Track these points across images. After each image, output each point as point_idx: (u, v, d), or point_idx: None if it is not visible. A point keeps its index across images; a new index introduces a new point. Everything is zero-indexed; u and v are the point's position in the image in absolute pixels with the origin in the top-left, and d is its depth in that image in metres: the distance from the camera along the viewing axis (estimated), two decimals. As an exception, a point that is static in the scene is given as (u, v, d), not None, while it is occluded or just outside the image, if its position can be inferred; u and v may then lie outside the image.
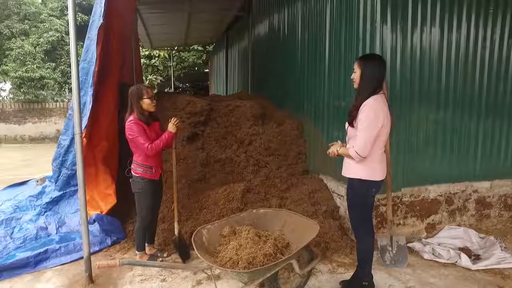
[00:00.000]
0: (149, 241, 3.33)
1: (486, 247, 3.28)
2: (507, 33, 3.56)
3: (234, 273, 1.99)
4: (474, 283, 2.81)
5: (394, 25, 3.19)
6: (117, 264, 1.97)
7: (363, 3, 3.26)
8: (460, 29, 3.38)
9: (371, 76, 2.40)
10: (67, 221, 4.15)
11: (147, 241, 3.30)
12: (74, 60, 2.69)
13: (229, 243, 2.38)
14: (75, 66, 2.70)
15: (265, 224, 2.65)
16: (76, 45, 2.68)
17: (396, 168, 3.31)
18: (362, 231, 2.52)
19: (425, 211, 3.53)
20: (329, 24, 3.92)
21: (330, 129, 4.03)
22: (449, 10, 3.31)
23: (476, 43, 3.45)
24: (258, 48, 6.80)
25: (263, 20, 6.37)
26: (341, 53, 3.69)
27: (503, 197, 3.82)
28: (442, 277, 2.89)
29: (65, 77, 13.04)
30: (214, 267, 2.05)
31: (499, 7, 3.47)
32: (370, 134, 2.29)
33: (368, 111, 2.29)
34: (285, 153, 4.69)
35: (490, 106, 3.60)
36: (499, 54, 3.57)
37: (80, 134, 2.76)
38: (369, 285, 2.59)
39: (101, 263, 1.96)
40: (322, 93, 4.12)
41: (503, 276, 2.89)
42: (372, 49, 3.19)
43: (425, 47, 3.31)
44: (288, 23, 5.13)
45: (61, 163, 4.60)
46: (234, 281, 2.77)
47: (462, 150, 3.57)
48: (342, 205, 3.91)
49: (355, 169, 2.43)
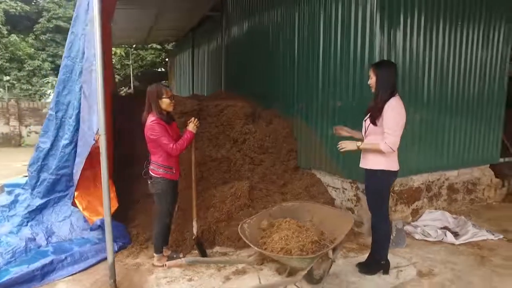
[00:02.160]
0: (165, 242, 3.31)
1: (461, 226, 3.88)
2: (471, 43, 4.22)
3: (298, 260, 2.15)
4: (460, 254, 3.34)
5: (388, 33, 3.60)
6: (184, 262, 2.01)
7: (361, 13, 3.63)
8: (438, 38, 3.93)
9: (386, 80, 2.73)
10: (55, 230, 3.88)
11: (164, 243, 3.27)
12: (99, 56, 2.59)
13: (271, 235, 2.53)
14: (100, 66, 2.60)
15: (294, 216, 2.84)
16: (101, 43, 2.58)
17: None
18: (381, 216, 2.86)
19: (411, 198, 4.04)
20: (323, 29, 4.24)
21: (324, 127, 4.35)
22: (429, 22, 3.84)
23: (449, 50, 4.05)
24: (235, 48, 6.91)
25: (242, 21, 6.49)
26: (337, 57, 4.03)
27: (465, 183, 4.52)
28: (435, 252, 3.38)
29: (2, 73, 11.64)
30: (279, 257, 2.19)
31: (464, 22, 4.11)
32: (399, 130, 2.63)
33: (394, 111, 2.62)
34: (278, 151, 4.92)
35: (459, 105, 4.25)
36: (465, 60, 4.22)
37: (105, 135, 2.66)
38: (386, 263, 2.94)
39: (170, 263, 1.98)
40: (316, 93, 4.43)
41: (479, 247, 3.48)
42: (371, 54, 3.57)
43: (411, 52, 3.79)
44: (277, 26, 5.33)
45: (40, 168, 4.28)
46: (262, 275, 2.92)
47: (438, 144, 4.15)
48: (337, 197, 4.27)
49: (377, 161, 2.75)
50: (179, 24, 8.88)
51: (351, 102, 3.88)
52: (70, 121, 4.22)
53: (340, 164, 4.10)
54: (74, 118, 4.16)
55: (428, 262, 3.19)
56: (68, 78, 4.28)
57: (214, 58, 8.25)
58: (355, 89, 3.81)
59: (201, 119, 5.07)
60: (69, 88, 4.26)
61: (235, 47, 6.93)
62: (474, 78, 4.31)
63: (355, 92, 3.81)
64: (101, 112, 2.62)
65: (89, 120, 3.59)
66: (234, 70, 7.07)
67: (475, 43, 4.25)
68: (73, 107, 4.21)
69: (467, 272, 3.02)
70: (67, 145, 4.13)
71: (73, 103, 4.22)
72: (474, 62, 4.27)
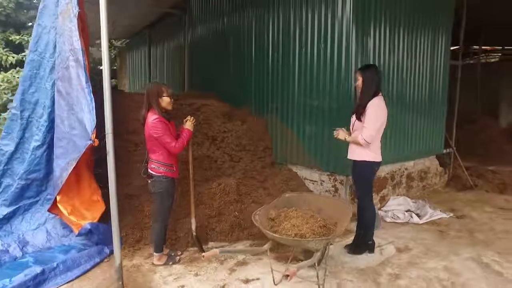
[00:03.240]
0: (164, 241, 3.30)
1: (420, 208, 4.49)
2: (423, 50, 4.90)
3: (316, 242, 2.38)
4: (425, 231, 3.90)
5: (361, 41, 4.04)
6: (217, 253, 2.11)
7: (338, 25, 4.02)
8: (399, 45, 4.51)
9: (370, 81, 3.11)
10: (29, 240, 3.61)
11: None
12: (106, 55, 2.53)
13: (281, 224, 2.73)
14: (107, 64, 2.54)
15: (294, 206, 3.06)
16: (107, 42, 2.53)
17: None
18: (367, 200, 3.24)
19: (379, 187, 4.54)
20: (298, 34, 4.55)
21: (301, 125, 4.66)
22: (392, 33, 4.39)
23: (407, 56, 4.66)
24: (200, 48, 6.91)
25: (209, 21, 6.53)
26: (313, 61, 4.36)
27: (419, 172, 5.20)
28: (406, 231, 3.89)
29: None
30: (299, 240, 2.40)
31: (417, 33, 4.76)
32: (375, 126, 3.01)
33: (374, 108, 3.01)
34: (254, 148, 5.11)
35: (415, 103, 4.90)
36: (419, 64, 4.88)
37: (112, 133, 2.60)
38: (372, 243, 3.33)
39: (207, 254, 2.07)
40: (293, 94, 4.72)
41: (438, 224, 4.10)
42: (347, 58, 3.97)
43: (379, 56, 4.30)
44: (249, 29, 5.51)
45: (2, 174, 3.94)
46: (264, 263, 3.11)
47: (400, 138, 4.74)
48: (315, 189, 4.61)
49: (362, 153, 3.11)
50: (134, 21, 8.54)
51: (328, 102, 4.24)
52: (40, 121, 3.94)
53: (319, 158, 4.45)
54: (46, 117, 3.90)
55: (402, 240, 3.67)
56: (36, 74, 3.98)
57: (175, 57, 8.12)
58: (332, 89, 4.18)
59: (177, 118, 5.07)
60: (36, 86, 3.97)
61: (200, 47, 6.94)
62: (425, 79, 5.01)
63: (332, 93, 4.18)
64: (109, 110, 2.56)
65: (69, 118, 3.41)
66: (199, 70, 7.07)
67: (425, 50, 4.95)
68: (44, 106, 3.93)
69: (434, 245, 3.55)
70: (38, 147, 3.86)
71: (43, 101, 3.95)
72: (425, 65, 4.97)
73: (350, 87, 4.02)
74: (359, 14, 3.96)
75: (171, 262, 3.17)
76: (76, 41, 3.34)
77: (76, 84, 3.28)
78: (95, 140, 2.86)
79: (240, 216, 3.89)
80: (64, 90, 3.54)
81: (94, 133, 2.88)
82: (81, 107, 3.12)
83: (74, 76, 3.33)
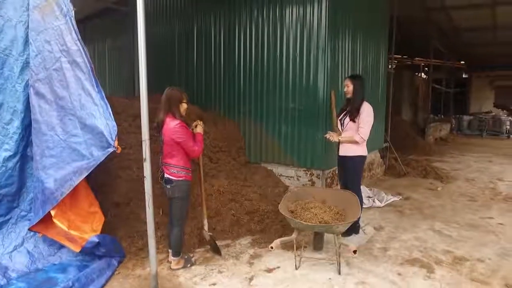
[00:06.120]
0: (180, 244, 3.32)
1: (377, 194, 5.34)
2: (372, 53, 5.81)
3: (343, 226, 2.81)
4: (388, 212, 4.72)
5: (333, 42, 4.67)
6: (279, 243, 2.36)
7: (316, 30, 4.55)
8: (355, 47, 5.30)
9: (360, 88, 3.71)
10: (8, 264, 3.22)
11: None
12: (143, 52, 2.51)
13: (302, 214, 3.09)
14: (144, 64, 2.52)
15: (302, 198, 3.46)
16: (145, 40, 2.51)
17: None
18: (357, 188, 3.82)
19: (344, 178, 5.25)
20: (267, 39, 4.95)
21: (276, 125, 5.06)
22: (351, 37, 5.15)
23: (359, 55, 5.48)
24: (155, 49, 6.69)
25: (166, 20, 6.39)
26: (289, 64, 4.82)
27: (369, 164, 6.12)
28: (373, 214, 4.64)
29: None
30: (328, 226, 2.78)
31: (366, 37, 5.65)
32: (370, 126, 3.62)
33: (368, 112, 3.60)
34: (229, 149, 5.32)
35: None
36: (369, 65, 5.79)
37: (149, 140, 2.58)
38: (358, 225, 3.94)
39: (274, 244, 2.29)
40: (267, 97, 5.09)
41: (394, 206, 4.98)
42: (323, 56, 4.53)
43: (343, 54, 5.00)
44: (215, 31, 5.65)
45: None
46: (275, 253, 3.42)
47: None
48: (291, 184, 5.07)
49: (358, 149, 3.68)
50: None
51: (304, 103, 4.74)
52: (9, 128, 3.51)
53: (296, 156, 4.92)
54: (18, 124, 3.51)
55: (375, 221, 4.39)
56: (-1, 73, 3.50)
57: (121, 58, 7.66)
58: (308, 92, 4.69)
59: (150, 122, 4.94)
60: (-1, 87, 3.50)
61: (155, 48, 6.73)
62: (372, 80, 5.94)
63: (308, 94, 4.69)
64: (145, 117, 2.54)
65: (64, 124, 3.17)
66: (155, 72, 6.85)
67: (373, 52, 5.88)
68: (14, 111, 3.53)
69: (398, 222, 4.36)
70: (10, 158, 3.46)
71: (12, 105, 3.54)
72: (374, 66, 5.89)
73: (326, 89, 4.59)
74: (331, 27, 4.55)
75: (189, 264, 3.23)
76: (70, 41, 3.12)
77: (76, 87, 3.07)
78: (118, 147, 2.76)
79: (237, 214, 4.10)
80: (51, 94, 3.25)
81: (116, 140, 2.77)
82: (90, 112, 2.95)
83: (72, 79, 3.11)
